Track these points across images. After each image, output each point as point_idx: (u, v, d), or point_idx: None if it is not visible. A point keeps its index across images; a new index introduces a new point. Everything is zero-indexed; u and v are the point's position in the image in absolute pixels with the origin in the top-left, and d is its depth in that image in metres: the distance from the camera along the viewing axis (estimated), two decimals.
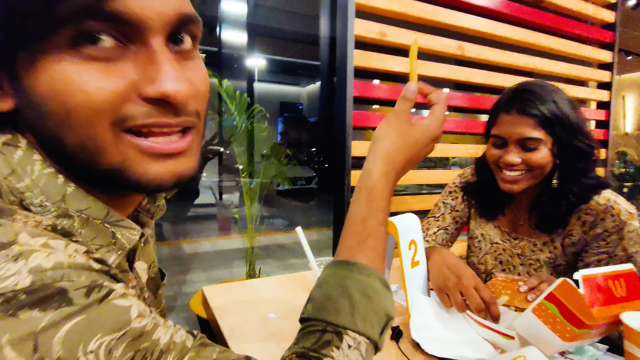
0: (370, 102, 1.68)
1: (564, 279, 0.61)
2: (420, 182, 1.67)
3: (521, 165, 0.89)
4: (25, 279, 0.26)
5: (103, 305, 0.29)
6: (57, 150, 0.33)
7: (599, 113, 2.17)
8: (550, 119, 0.86)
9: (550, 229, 0.95)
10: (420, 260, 0.88)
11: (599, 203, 0.89)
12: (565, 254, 0.95)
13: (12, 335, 0.25)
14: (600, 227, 0.88)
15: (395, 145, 0.51)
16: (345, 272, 0.46)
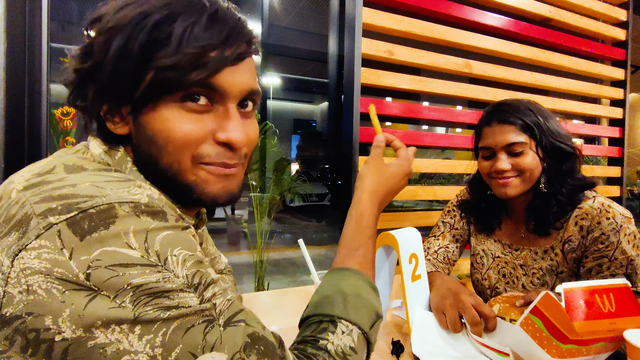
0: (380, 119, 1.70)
1: (546, 292, 0.61)
2: (427, 198, 1.67)
3: (512, 172, 0.95)
4: (144, 198, 0.41)
5: (185, 232, 0.42)
6: (151, 167, 0.48)
7: (613, 130, 2.14)
8: (529, 124, 0.94)
9: (547, 231, 0.98)
10: (421, 274, 0.88)
11: (594, 207, 0.92)
12: (567, 260, 0.96)
13: (135, 227, 0.38)
14: (597, 231, 0.90)
15: (376, 180, 0.67)
16: (339, 276, 0.55)
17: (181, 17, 0.44)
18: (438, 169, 1.69)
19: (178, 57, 0.43)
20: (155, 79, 0.44)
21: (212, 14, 0.46)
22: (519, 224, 1.06)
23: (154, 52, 0.43)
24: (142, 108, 0.46)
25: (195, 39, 0.44)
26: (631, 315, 0.62)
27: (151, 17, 0.44)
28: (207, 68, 0.45)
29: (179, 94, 0.45)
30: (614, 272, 0.87)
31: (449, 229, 1.18)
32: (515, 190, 0.96)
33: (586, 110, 2.05)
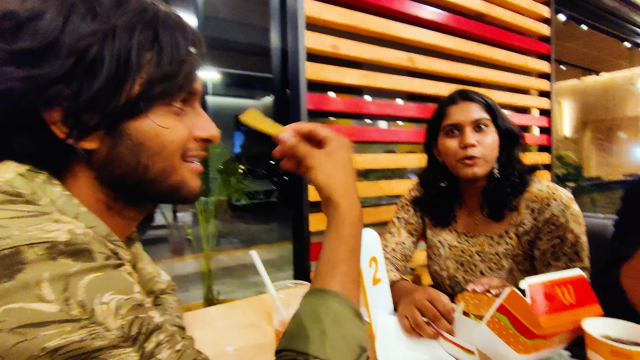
0: (325, 114, 1.66)
1: (511, 289, 0.60)
2: (380, 194, 1.66)
3: (477, 149, 0.98)
4: (64, 235, 0.35)
5: (117, 271, 0.38)
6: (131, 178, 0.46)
7: (541, 120, 2.29)
8: (490, 104, 1.02)
9: (501, 214, 1.02)
10: (381, 277, 0.85)
11: (542, 190, 0.98)
12: (521, 244, 1.00)
13: (51, 274, 0.32)
14: (547, 212, 0.96)
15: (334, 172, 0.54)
16: (318, 300, 0.47)
17: (160, 25, 0.45)
18: (387, 163, 1.69)
19: (173, 65, 0.44)
20: (148, 88, 0.43)
21: (175, 18, 0.47)
22: (473, 212, 1.09)
23: (141, 59, 0.43)
24: (127, 118, 0.44)
25: (177, 46, 0.45)
26: (589, 304, 0.63)
27: (136, 24, 0.43)
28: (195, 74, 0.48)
29: (169, 100, 0.46)
30: (565, 252, 0.92)
31: (403, 224, 1.18)
32: (482, 170, 0.99)
33: (518, 102, 2.17)
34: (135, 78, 0.43)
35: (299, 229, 1.41)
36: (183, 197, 0.51)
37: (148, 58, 0.44)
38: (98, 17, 0.42)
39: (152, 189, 0.48)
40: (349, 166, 0.55)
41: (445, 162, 1.07)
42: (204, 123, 0.51)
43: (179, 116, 0.48)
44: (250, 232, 6.94)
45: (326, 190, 0.53)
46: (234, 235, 6.51)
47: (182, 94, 0.47)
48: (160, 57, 0.44)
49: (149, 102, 0.44)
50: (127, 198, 0.49)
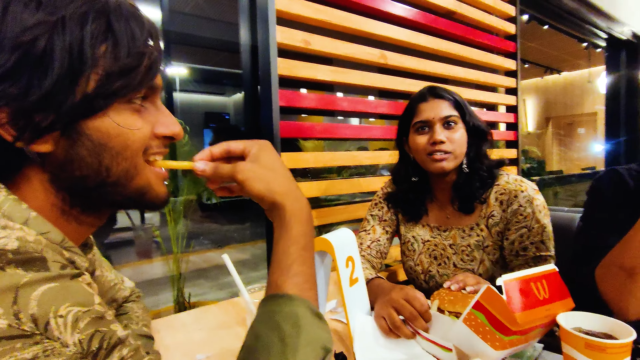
0: (297, 111, 1.63)
1: (487, 286, 0.61)
2: (354, 191, 1.65)
3: (446, 145, 1.02)
4: (13, 243, 0.33)
5: (74, 282, 0.35)
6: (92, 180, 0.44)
7: (508, 116, 2.36)
8: (459, 102, 1.06)
9: (472, 207, 1.06)
10: (358, 276, 0.83)
11: (510, 182, 1.03)
12: (491, 234, 1.04)
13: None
14: (515, 204, 1.00)
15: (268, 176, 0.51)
16: (274, 307, 0.45)
17: (112, 14, 0.41)
18: (360, 160, 1.68)
19: (132, 58, 0.42)
20: (106, 84, 0.41)
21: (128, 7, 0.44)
22: (444, 206, 1.13)
23: (96, 52, 0.40)
24: (84, 116, 0.41)
25: (134, 37, 0.42)
26: (562, 299, 0.64)
27: (87, 12, 0.40)
28: (157, 68, 0.45)
29: (130, 96, 0.43)
30: (532, 241, 0.96)
31: (378, 221, 1.20)
32: (450, 165, 1.03)
33: (486, 99, 2.22)
34: (90, 73, 0.40)
35: (273, 228, 1.38)
36: (149, 203, 0.49)
37: (103, 50, 0.41)
38: (43, 6, 0.38)
39: (115, 193, 0.46)
40: (280, 165, 0.53)
41: (416, 158, 1.10)
42: (166, 119, 0.49)
43: (140, 113, 0.46)
44: (222, 231, 6.81)
45: (266, 195, 0.50)
46: (206, 235, 6.37)
47: (143, 89, 0.45)
48: (117, 49, 0.41)
49: (107, 99, 0.41)
50: (85, 203, 0.47)
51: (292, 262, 0.48)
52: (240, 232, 6.60)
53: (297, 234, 0.49)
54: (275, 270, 0.49)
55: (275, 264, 0.49)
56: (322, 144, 4.70)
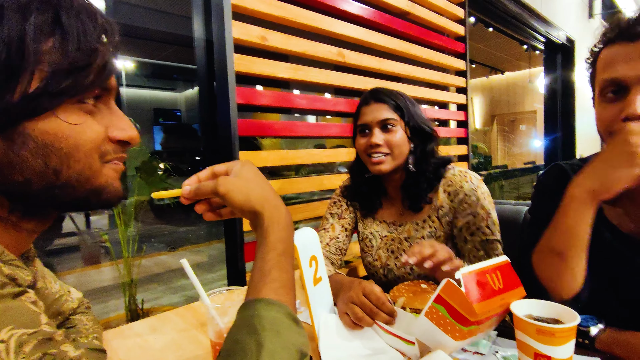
0: (255, 109, 1.60)
1: (447, 280, 0.63)
2: (313, 189, 1.65)
3: (384, 148, 1.06)
4: None
5: (16, 301, 0.33)
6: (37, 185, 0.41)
7: (459, 114, 2.46)
8: (399, 105, 1.09)
9: (420, 207, 1.11)
10: (322, 275, 0.83)
11: (455, 175, 1.09)
12: (442, 225, 1.09)
13: None
14: (461, 193, 1.06)
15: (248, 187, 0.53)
16: (252, 311, 0.45)
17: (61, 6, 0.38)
18: (318, 158, 1.68)
19: (82, 55, 0.39)
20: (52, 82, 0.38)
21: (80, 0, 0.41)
22: (397, 203, 1.18)
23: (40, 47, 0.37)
24: (27, 117, 0.38)
25: (86, 32, 0.40)
26: (515, 288, 0.68)
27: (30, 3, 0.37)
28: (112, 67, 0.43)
29: (81, 96, 0.41)
30: (478, 226, 1.02)
31: (337, 219, 1.22)
32: (387, 167, 1.07)
33: (438, 97, 2.30)
34: (34, 70, 0.37)
35: (232, 229, 1.34)
36: (104, 201, 0.47)
37: (49, 45, 0.38)
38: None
39: (65, 195, 0.43)
40: (260, 179, 0.55)
41: (360, 157, 1.15)
42: (121, 123, 0.47)
43: (92, 115, 0.44)
44: (176, 233, 6.57)
45: (246, 205, 0.52)
46: (159, 238, 6.11)
47: (95, 89, 0.43)
48: (65, 45, 0.39)
49: (55, 99, 0.39)
50: (26, 207, 0.44)
51: (271, 268, 0.49)
52: (194, 233, 6.40)
53: (275, 240, 0.51)
54: (254, 275, 0.49)
55: (255, 270, 0.50)
56: (279, 143, 4.66)
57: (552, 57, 4.92)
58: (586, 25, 5.65)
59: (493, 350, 0.75)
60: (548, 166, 0.93)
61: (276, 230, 0.51)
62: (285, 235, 0.52)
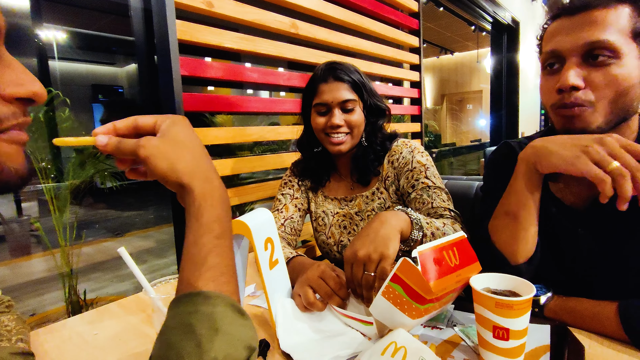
0: (202, 82, 1.48)
1: (403, 259, 0.61)
2: (267, 168, 1.59)
3: (344, 128, 1.06)
4: None
5: None
6: None
7: (412, 91, 2.47)
8: (358, 84, 1.08)
9: (368, 180, 1.13)
10: (278, 258, 0.79)
11: (398, 145, 1.12)
12: (390, 195, 1.11)
13: None
14: (401, 158, 1.09)
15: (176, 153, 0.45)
16: (188, 307, 0.38)
17: None
18: (271, 136, 1.61)
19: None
20: None
21: None
22: (346, 179, 1.19)
23: None
24: None
25: None
26: (471, 263, 0.68)
27: None
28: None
29: None
30: (417, 178, 1.04)
31: (289, 199, 1.21)
32: (347, 146, 1.08)
33: (392, 74, 2.29)
34: None
35: (181, 210, 1.25)
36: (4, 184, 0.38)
37: None
38: None
39: None
40: (192, 142, 0.47)
41: (316, 136, 1.13)
42: (19, 76, 0.37)
43: None
44: (121, 218, 6.23)
45: (172, 175, 0.44)
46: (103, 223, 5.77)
47: None
48: None
49: None
50: None
51: (206, 254, 0.41)
52: (142, 218, 6.11)
53: (210, 220, 0.43)
54: (186, 265, 0.41)
55: (186, 258, 0.42)
56: (231, 120, 4.48)
57: (498, 38, 5.10)
58: (529, 7, 5.90)
59: (451, 324, 0.76)
60: (495, 144, 0.96)
61: (210, 208, 0.43)
62: (222, 213, 0.44)
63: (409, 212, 0.83)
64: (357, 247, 0.73)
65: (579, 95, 0.70)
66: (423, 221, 0.84)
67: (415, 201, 1.03)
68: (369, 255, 0.71)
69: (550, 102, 0.76)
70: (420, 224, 0.83)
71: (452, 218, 0.96)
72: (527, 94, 5.32)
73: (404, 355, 0.60)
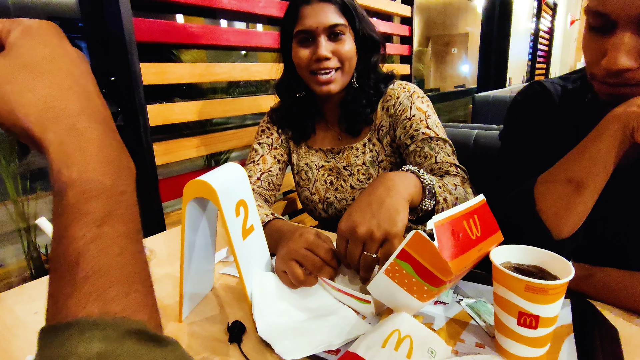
0: (167, 8, 1.24)
1: (415, 231, 0.48)
2: (241, 112, 1.40)
3: (333, 61, 0.89)
4: None
5: None
6: None
7: (403, 28, 2.24)
8: (347, 6, 0.90)
9: (359, 130, 0.98)
10: (254, 223, 0.65)
11: (394, 88, 0.96)
12: (384, 147, 0.98)
13: None
14: (397, 103, 0.94)
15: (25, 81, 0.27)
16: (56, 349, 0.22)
17: None
18: (248, 75, 1.40)
19: None
20: None
21: None
22: (333, 127, 1.04)
23: None
24: None
25: None
26: (493, 233, 0.56)
27: None
28: None
29: None
30: (416, 127, 0.90)
31: (267, 149, 1.04)
32: (338, 85, 0.92)
33: (382, 7, 2.04)
34: None
35: (141, 165, 1.08)
36: None
37: None
38: None
39: None
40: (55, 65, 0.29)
41: (300, 74, 0.96)
42: None
43: None
44: None
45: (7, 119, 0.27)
46: None
47: None
48: None
49: None
50: None
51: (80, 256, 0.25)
52: None
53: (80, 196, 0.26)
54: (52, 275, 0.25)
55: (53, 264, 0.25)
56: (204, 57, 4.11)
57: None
58: None
59: (457, 298, 0.65)
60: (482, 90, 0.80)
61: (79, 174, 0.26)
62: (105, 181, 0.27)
63: (421, 174, 0.68)
64: (355, 221, 0.58)
65: (630, 76, 0.54)
66: (436, 185, 0.69)
67: (415, 154, 0.88)
68: (371, 233, 0.56)
69: (593, 68, 0.60)
70: (434, 190, 0.68)
71: (459, 176, 0.83)
72: (518, 37, 5.08)
73: (410, 348, 0.49)
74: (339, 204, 1.04)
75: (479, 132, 1.27)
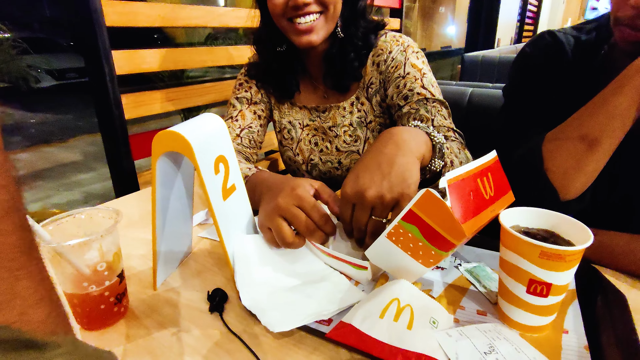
0: None
1: (426, 190, 0.43)
2: (218, 63, 1.28)
3: (314, 5, 0.78)
4: None
5: None
6: None
7: None
8: None
9: (347, 86, 0.90)
10: (235, 183, 0.58)
11: (386, 41, 0.88)
12: (373, 107, 0.91)
13: None
14: (389, 59, 0.86)
15: None
16: None
17: None
18: (226, 22, 1.28)
19: None
20: None
21: None
22: (318, 83, 0.95)
23: None
24: None
25: None
26: (505, 193, 0.51)
27: None
28: None
29: None
30: (411, 87, 0.82)
31: (246, 104, 0.95)
32: (321, 35, 0.80)
33: None
34: None
35: (107, 116, 0.98)
36: None
37: None
38: None
39: None
40: None
41: (276, 23, 0.83)
42: None
43: None
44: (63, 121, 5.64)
45: None
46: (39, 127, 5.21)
47: None
48: None
49: None
50: None
51: None
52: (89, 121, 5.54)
53: None
54: None
55: None
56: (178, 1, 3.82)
57: None
58: None
59: (455, 262, 0.61)
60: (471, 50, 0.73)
61: None
62: None
63: (431, 131, 0.61)
64: (364, 184, 0.51)
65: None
66: (445, 145, 0.63)
67: (409, 117, 0.80)
68: (382, 196, 0.50)
69: (619, 11, 0.55)
70: (444, 149, 0.61)
71: (457, 141, 0.76)
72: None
73: (411, 319, 0.45)
74: (323, 166, 0.98)
75: (474, 89, 1.21)
